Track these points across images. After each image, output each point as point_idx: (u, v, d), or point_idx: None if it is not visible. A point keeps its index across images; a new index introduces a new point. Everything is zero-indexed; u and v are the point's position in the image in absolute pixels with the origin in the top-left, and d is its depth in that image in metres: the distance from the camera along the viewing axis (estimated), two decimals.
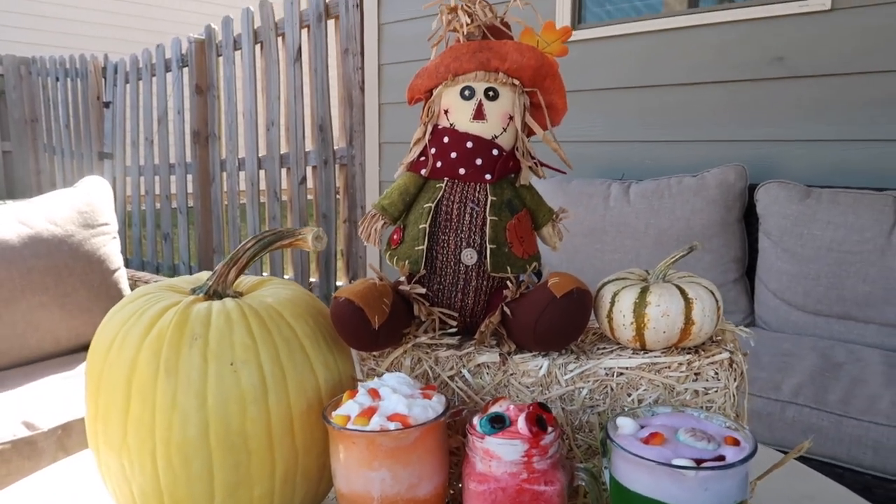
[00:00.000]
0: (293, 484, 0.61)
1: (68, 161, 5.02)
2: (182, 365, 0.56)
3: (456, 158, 0.67)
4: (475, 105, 0.67)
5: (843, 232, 1.69)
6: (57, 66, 4.97)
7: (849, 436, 1.30)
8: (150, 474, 0.57)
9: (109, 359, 0.59)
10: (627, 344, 0.61)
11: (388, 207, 0.69)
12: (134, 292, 0.65)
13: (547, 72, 0.69)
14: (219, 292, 0.65)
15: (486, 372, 0.63)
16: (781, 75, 2.04)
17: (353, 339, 0.61)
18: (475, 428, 0.53)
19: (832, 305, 1.70)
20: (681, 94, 2.24)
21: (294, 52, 3.27)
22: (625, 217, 2.02)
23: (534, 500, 0.51)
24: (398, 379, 0.59)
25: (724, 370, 0.58)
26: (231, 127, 3.67)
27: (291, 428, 0.59)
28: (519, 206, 0.68)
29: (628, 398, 0.59)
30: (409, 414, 0.54)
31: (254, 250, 0.65)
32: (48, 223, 1.64)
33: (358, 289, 0.61)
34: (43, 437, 1.27)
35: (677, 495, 0.47)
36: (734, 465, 0.47)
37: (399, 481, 0.54)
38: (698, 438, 0.50)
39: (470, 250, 0.65)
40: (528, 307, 0.61)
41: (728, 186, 1.91)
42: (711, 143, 2.19)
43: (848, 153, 1.96)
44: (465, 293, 0.66)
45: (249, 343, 0.58)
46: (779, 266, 1.80)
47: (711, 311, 0.59)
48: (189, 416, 0.56)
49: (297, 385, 0.60)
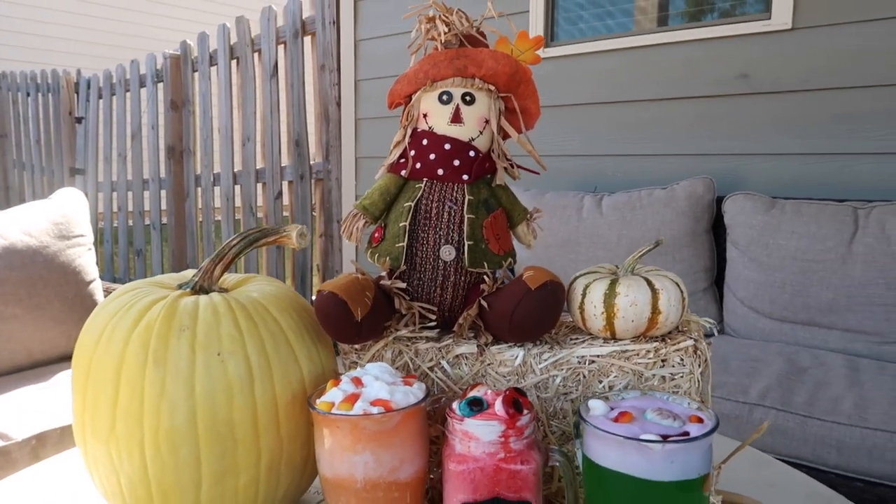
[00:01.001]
0: (278, 472, 0.63)
1: (38, 177, 4.96)
2: (170, 355, 0.58)
3: (434, 160, 0.70)
4: (453, 109, 0.70)
5: (807, 241, 1.75)
6: (28, 81, 4.92)
7: (813, 436, 1.35)
8: (137, 463, 0.58)
9: (98, 351, 0.60)
10: (598, 334, 0.65)
11: (369, 207, 0.71)
12: (121, 288, 0.67)
13: (521, 78, 0.72)
14: (205, 288, 0.67)
15: (464, 363, 0.66)
16: (746, 91, 2.12)
17: (336, 331, 0.63)
18: (455, 411, 0.55)
19: (797, 312, 1.76)
20: (651, 110, 2.30)
21: (270, 68, 3.29)
22: (598, 228, 2.07)
23: (510, 478, 0.53)
24: (380, 368, 0.61)
25: (689, 357, 0.61)
26: (206, 142, 3.67)
27: (276, 417, 0.61)
28: (495, 205, 0.71)
29: (599, 385, 0.62)
30: (391, 399, 0.56)
31: (239, 247, 0.67)
32: (23, 234, 1.63)
33: (341, 282, 0.63)
34: (17, 447, 1.26)
35: (645, 468, 0.50)
36: (698, 438, 0.50)
37: (382, 464, 0.56)
38: (665, 417, 0.53)
39: (448, 247, 0.68)
40: (505, 300, 0.64)
41: (697, 198, 1.97)
42: (681, 157, 2.26)
43: (810, 166, 2.03)
44: (443, 288, 0.69)
45: (236, 335, 0.60)
46: (746, 275, 1.85)
47: (677, 301, 0.63)
48: (177, 404, 0.57)
49: (282, 376, 0.62)
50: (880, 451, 1.26)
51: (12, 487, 0.80)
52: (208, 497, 0.60)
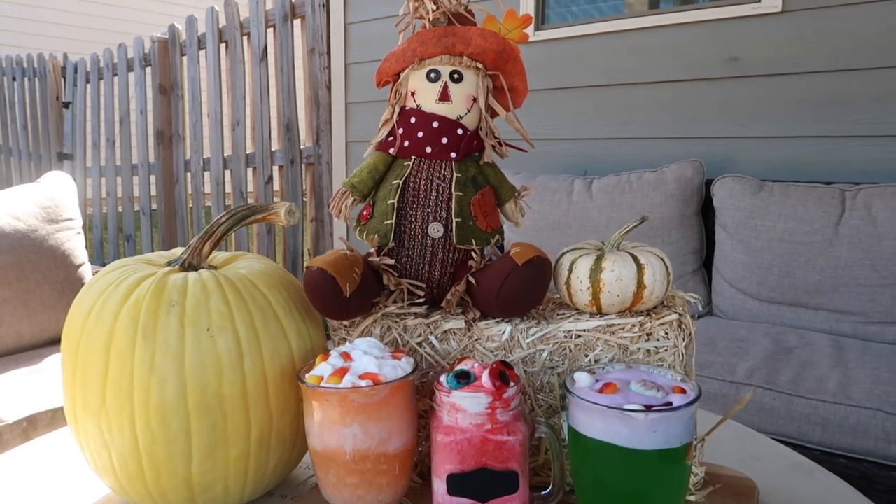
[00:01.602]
0: (268, 446, 0.63)
1: (26, 163, 4.92)
2: (160, 330, 0.59)
3: (423, 137, 0.70)
4: (441, 87, 0.71)
5: (794, 223, 1.77)
6: (14, 66, 4.87)
7: (798, 414, 1.37)
8: (128, 438, 0.59)
9: (87, 326, 0.60)
10: (585, 309, 0.65)
11: (357, 185, 0.72)
12: (110, 265, 0.67)
13: (509, 56, 0.72)
14: (193, 265, 0.67)
15: (452, 338, 0.67)
16: (736, 74, 2.13)
17: (325, 307, 0.64)
18: (442, 384, 0.56)
19: (784, 293, 1.78)
20: (641, 93, 2.31)
21: (260, 52, 3.27)
22: (587, 211, 2.08)
23: (497, 449, 0.54)
24: (369, 343, 0.61)
25: (673, 330, 0.62)
26: (196, 127, 3.65)
27: (266, 392, 0.62)
28: (483, 182, 0.71)
29: (585, 359, 0.63)
30: (380, 373, 0.57)
31: (228, 224, 0.67)
32: (10, 218, 1.63)
33: (330, 258, 0.64)
34: (8, 429, 1.26)
35: (628, 437, 0.51)
36: (679, 408, 0.51)
37: (370, 437, 0.57)
38: (648, 388, 0.54)
39: (436, 224, 0.68)
40: (492, 275, 0.65)
41: (686, 181, 1.98)
42: (670, 140, 2.27)
43: (798, 149, 2.05)
44: (431, 265, 0.69)
45: (225, 310, 0.61)
46: (734, 257, 1.87)
47: (662, 276, 0.63)
48: (167, 379, 0.58)
49: (271, 351, 0.62)
50: (864, 428, 1.28)
51: (3, 465, 0.80)
52: (199, 470, 0.60)
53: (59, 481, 0.75)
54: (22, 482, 0.75)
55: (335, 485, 0.58)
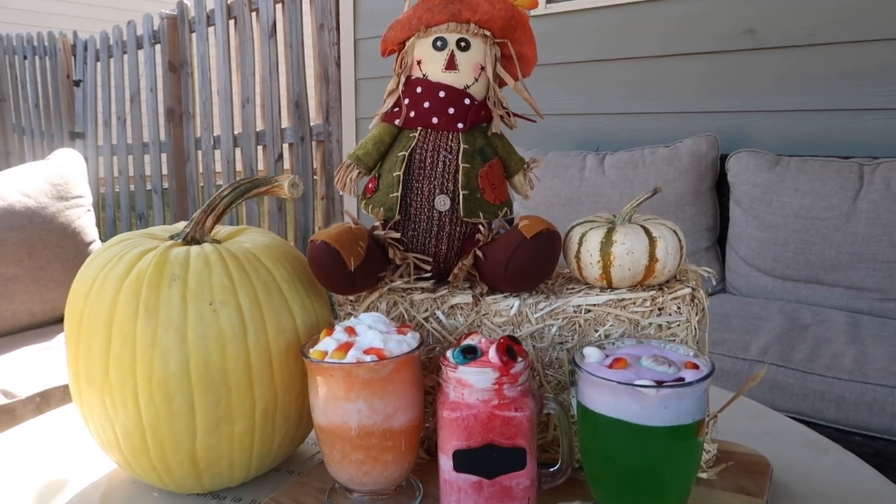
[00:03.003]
0: (273, 422, 0.63)
1: (38, 141, 4.93)
2: (162, 304, 0.58)
3: (429, 108, 0.68)
4: (447, 55, 0.68)
5: (811, 199, 1.73)
6: (24, 44, 4.86)
7: (813, 391, 1.35)
8: (132, 412, 0.58)
9: (89, 301, 0.60)
10: (595, 283, 0.64)
11: (362, 157, 0.70)
12: (112, 239, 0.66)
13: (517, 23, 0.70)
14: (196, 239, 0.66)
15: (459, 313, 0.65)
16: (752, 47, 2.07)
17: (329, 281, 0.63)
18: (448, 359, 0.55)
19: (800, 270, 1.75)
20: (654, 67, 2.26)
21: (269, 28, 3.24)
22: (600, 187, 2.05)
23: (504, 425, 0.53)
24: (374, 318, 0.60)
25: (686, 305, 0.61)
26: (205, 104, 3.63)
27: (270, 367, 0.61)
28: (491, 154, 0.70)
29: (596, 334, 0.62)
30: (385, 348, 0.56)
31: (230, 197, 0.66)
32: (21, 195, 1.63)
33: (334, 232, 0.62)
34: (21, 404, 1.27)
35: (639, 413, 0.50)
36: (691, 383, 0.50)
37: (375, 412, 0.56)
38: (660, 363, 0.52)
39: (443, 197, 0.67)
40: (500, 249, 0.63)
41: (700, 156, 1.95)
42: (684, 115, 2.22)
43: (815, 123, 2.00)
44: (438, 239, 0.68)
45: (228, 284, 0.60)
46: (749, 233, 1.84)
47: (674, 250, 0.62)
48: (169, 352, 0.57)
49: (275, 326, 0.61)
50: (880, 406, 1.26)
51: (15, 438, 0.81)
52: (204, 445, 0.60)
53: (68, 456, 0.75)
54: (32, 456, 0.75)
55: (340, 461, 0.57)
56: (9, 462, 0.75)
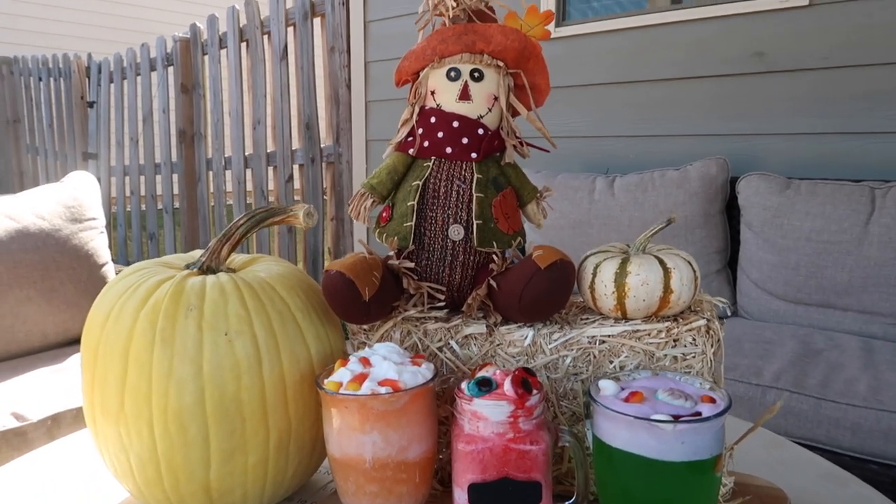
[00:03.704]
0: (287, 453, 0.62)
1: (52, 161, 4.99)
2: (178, 335, 0.58)
3: (443, 138, 0.69)
4: (461, 86, 0.69)
5: (822, 222, 1.73)
6: (40, 66, 4.93)
7: (827, 418, 1.33)
8: (146, 442, 0.58)
9: (106, 330, 0.60)
10: (609, 313, 0.64)
11: (376, 186, 0.71)
12: (128, 268, 0.66)
13: (530, 53, 0.71)
14: (212, 268, 0.66)
15: (473, 343, 0.65)
16: (762, 70, 2.08)
17: (344, 311, 0.63)
18: (463, 391, 0.55)
19: (812, 294, 1.74)
20: (663, 90, 2.27)
21: (280, 51, 3.27)
22: (609, 210, 2.05)
23: (520, 458, 0.53)
24: (388, 348, 0.60)
25: (701, 336, 0.60)
26: (217, 126, 3.67)
27: (285, 397, 0.61)
28: (504, 183, 0.70)
29: (610, 365, 0.62)
30: (399, 379, 0.56)
31: (246, 227, 0.67)
32: (35, 217, 1.64)
33: (349, 262, 0.63)
34: (33, 427, 1.27)
35: (656, 448, 0.49)
36: (709, 419, 0.49)
37: (390, 444, 0.56)
38: (676, 397, 0.52)
39: (457, 226, 0.67)
40: (514, 279, 0.63)
41: (710, 179, 1.95)
42: (694, 137, 2.23)
43: (826, 146, 2.00)
44: (452, 268, 0.68)
45: (243, 314, 0.60)
46: (760, 256, 1.83)
47: (689, 281, 0.62)
48: (185, 383, 0.57)
49: (290, 355, 0.61)
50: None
51: (27, 465, 0.81)
52: (218, 476, 0.60)
53: (79, 484, 0.75)
54: (43, 484, 0.75)
55: (354, 493, 0.57)
56: (20, 490, 0.75)
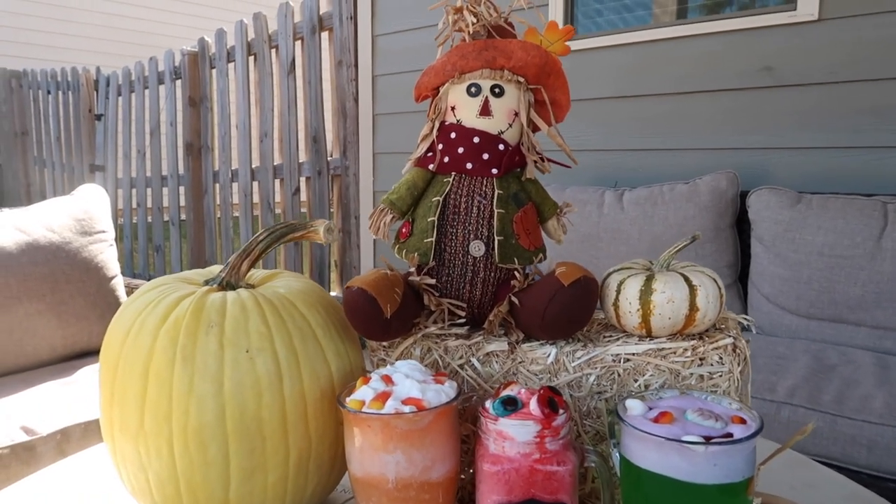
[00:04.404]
0: (306, 471, 0.62)
1: (59, 174, 5.01)
2: (199, 352, 0.57)
3: (463, 153, 0.69)
4: (481, 102, 0.69)
5: (834, 236, 1.72)
6: (48, 79, 4.96)
7: (843, 435, 1.32)
8: (166, 460, 0.58)
9: (126, 347, 0.60)
10: (633, 331, 0.63)
11: (396, 202, 0.70)
12: (147, 284, 0.66)
13: (551, 69, 0.70)
14: (231, 283, 0.66)
15: (494, 360, 0.65)
16: (770, 84, 2.08)
17: (365, 328, 0.62)
18: (488, 410, 0.54)
19: (824, 309, 1.73)
20: (672, 104, 2.27)
21: (288, 64, 3.29)
22: (619, 224, 2.05)
23: (546, 480, 0.52)
24: (410, 366, 0.60)
25: (727, 355, 0.60)
26: (224, 139, 3.68)
27: (305, 415, 0.60)
28: (525, 199, 0.70)
29: (635, 384, 0.61)
30: (423, 397, 0.55)
31: (266, 242, 0.66)
32: (45, 230, 1.64)
33: (370, 278, 0.62)
34: (42, 441, 1.26)
35: (687, 471, 0.48)
36: (742, 440, 0.48)
37: (413, 464, 0.55)
38: (706, 417, 0.51)
39: (478, 242, 0.67)
40: (537, 296, 0.63)
41: (720, 193, 1.94)
42: (703, 151, 2.22)
43: (836, 160, 1.99)
44: (472, 284, 0.67)
45: (264, 331, 0.59)
46: (771, 271, 1.82)
47: (714, 298, 0.61)
48: (205, 401, 0.57)
49: (310, 373, 0.61)
50: None
51: (37, 484, 0.80)
52: (237, 495, 0.59)
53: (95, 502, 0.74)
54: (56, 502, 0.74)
55: None
56: None
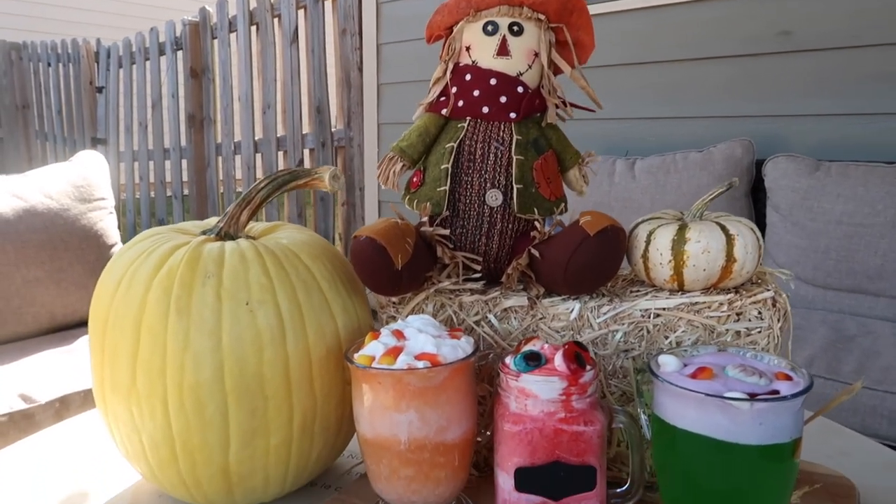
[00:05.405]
0: (311, 434, 0.58)
1: (61, 147, 4.95)
2: (194, 304, 0.53)
3: (479, 96, 0.64)
4: (499, 41, 0.64)
5: (854, 205, 1.66)
6: (48, 51, 4.89)
7: (864, 406, 1.28)
8: (160, 421, 0.53)
9: (116, 300, 0.55)
10: (664, 285, 0.58)
11: (406, 149, 0.65)
12: (140, 234, 0.62)
13: (574, 6, 0.65)
14: (230, 234, 0.61)
15: (513, 317, 0.60)
16: (788, 49, 2.01)
17: (373, 280, 0.58)
18: (509, 366, 0.50)
19: (842, 279, 1.68)
20: (685, 70, 2.20)
21: (290, 34, 3.22)
22: (630, 193, 1.99)
23: (573, 441, 0.48)
24: (423, 321, 0.55)
25: (767, 309, 0.55)
26: (227, 110, 3.62)
27: (310, 373, 0.56)
28: (545, 146, 0.65)
29: (665, 340, 0.56)
30: (438, 353, 0.51)
31: (267, 190, 0.61)
32: (43, 196, 1.60)
33: (380, 227, 0.58)
34: (40, 409, 1.23)
35: (729, 430, 0.44)
36: (791, 397, 0.44)
37: (427, 424, 0.51)
38: (749, 373, 0.47)
39: (495, 191, 0.62)
40: (559, 247, 0.58)
41: (735, 161, 1.89)
42: (717, 119, 2.16)
43: (856, 127, 1.93)
44: (489, 237, 0.63)
45: (266, 283, 0.55)
46: (788, 240, 1.77)
47: (753, 249, 0.56)
48: (202, 357, 0.52)
49: (315, 328, 0.56)
50: None
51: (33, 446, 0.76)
52: (237, 458, 0.55)
53: (89, 466, 0.70)
54: (51, 466, 0.71)
55: (388, 477, 0.52)
56: (27, 472, 0.70)
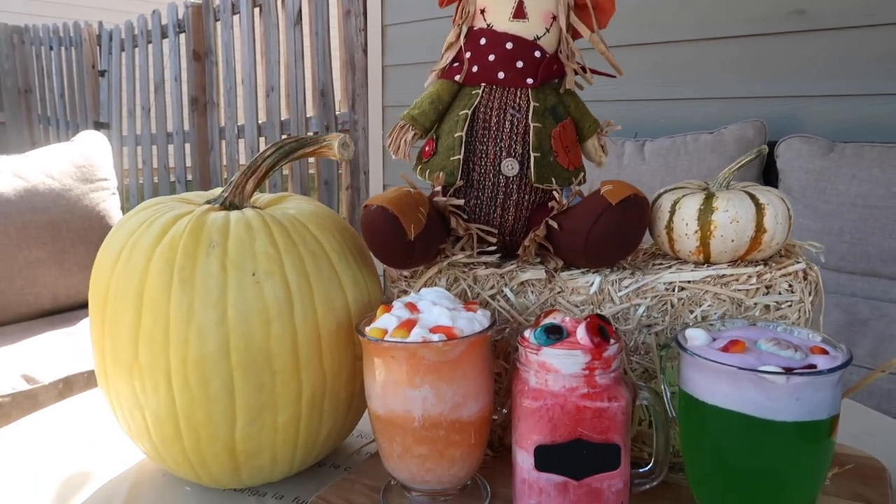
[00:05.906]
0: (320, 411, 0.55)
1: (63, 131, 4.92)
2: (198, 275, 0.51)
3: (494, 61, 0.61)
4: (515, 2, 0.61)
5: (869, 186, 1.63)
6: (50, 35, 4.85)
7: (879, 389, 1.26)
8: (164, 396, 0.51)
9: (117, 271, 0.53)
10: (689, 257, 0.56)
11: (418, 117, 0.62)
12: (142, 203, 0.59)
13: None
14: (235, 204, 0.59)
15: (530, 291, 0.58)
16: (802, 28, 1.97)
17: (384, 252, 0.55)
18: (528, 340, 0.47)
19: (856, 262, 1.65)
20: (696, 50, 2.16)
21: (294, 15, 3.17)
22: (640, 175, 1.96)
23: (596, 417, 0.46)
24: (437, 293, 0.53)
25: (798, 282, 0.53)
26: (230, 93, 3.58)
27: (319, 347, 0.54)
28: (563, 113, 0.62)
29: (691, 315, 0.54)
30: (454, 326, 0.48)
31: (274, 158, 0.59)
32: (45, 177, 1.58)
33: (391, 196, 0.55)
34: (44, 390, 1.22)
35: (764, 406, 0.42)
36: (830, 371, 0.42)
37: (443, 400, 0.48)
38: (783, 347, 0.44)
39: (511, 160, 0.59)
40: (579, 217, 0.55)
41: (747, 143, 1.85)
42: (728, 100, 2.12)
43: (871, 108, 1.89)
44: (504, 208, 0.60)
45: (273, 253, 0.53)
46: (800, 223, 1.74)
47: (784, 219, 0.54)
48: (207, 330, 0.50)
49: (324, 301, 0.54)
50: None
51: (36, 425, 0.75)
52: (244, 435, 0.53)
53: (92, 445, 0.68)
54: (54, 445, 0.69)
55: (401, 455, 0.50)
56: (29, 450, 0.68)
